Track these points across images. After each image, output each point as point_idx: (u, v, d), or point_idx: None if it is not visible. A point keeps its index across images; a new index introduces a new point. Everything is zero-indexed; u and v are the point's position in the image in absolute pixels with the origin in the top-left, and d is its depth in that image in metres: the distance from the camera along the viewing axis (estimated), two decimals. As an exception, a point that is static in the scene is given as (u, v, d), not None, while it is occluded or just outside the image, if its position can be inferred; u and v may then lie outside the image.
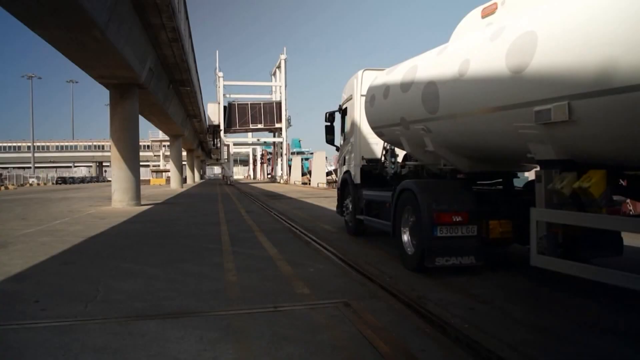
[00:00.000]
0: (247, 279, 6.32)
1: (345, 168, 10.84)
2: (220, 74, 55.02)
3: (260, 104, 56.64)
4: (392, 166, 8.72)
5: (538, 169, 5.14)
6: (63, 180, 73.01)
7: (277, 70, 58.55)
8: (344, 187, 10.82)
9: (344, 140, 11.02)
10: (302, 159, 54.48)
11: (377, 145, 9.47)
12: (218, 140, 56.61)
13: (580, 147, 4.57)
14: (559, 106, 4.31)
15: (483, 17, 6.21)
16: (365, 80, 9.66)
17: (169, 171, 58.51)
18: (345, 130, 10.89)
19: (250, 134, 65.03)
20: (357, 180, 9.85)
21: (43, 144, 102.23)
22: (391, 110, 7.78)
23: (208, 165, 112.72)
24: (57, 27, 12.48)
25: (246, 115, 55.40)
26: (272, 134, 62.43)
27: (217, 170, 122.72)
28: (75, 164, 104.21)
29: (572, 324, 4.51)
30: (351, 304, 5.02)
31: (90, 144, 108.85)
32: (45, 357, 3.81)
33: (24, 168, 77.04)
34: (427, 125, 6.77)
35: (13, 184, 55.00)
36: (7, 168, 71.89)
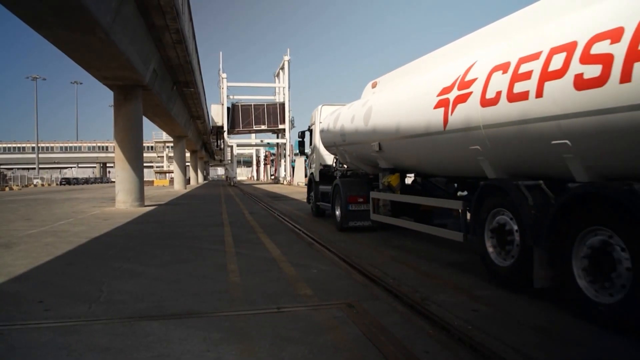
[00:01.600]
0: (250, 280, 6.32)
1: (310, 170, 15.47)
2: (224, 75, 55.26)
3: (264, 105, 56.76)
4: (337, 170, 12.79)
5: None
6: (67, 181, 73.30)
7: (280, 71, 58.70)
8: (310, 183, 15.53)
9: (311, 151, 15.25)
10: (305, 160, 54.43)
11: (329, 156, 13.47)
12: (221, 141, 56.71)
13: (390, 162, 9.29)
14: (379, 143, 9.05)
15: (372, 87, 10.64)
16: (323, 112, 13.81)
17: (172, 172, 58.61)
18: (312, 144, 15.04)
19: (253, 135, 65.20)
20: (317, 179, 14.27)
21: (47, 144, 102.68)
22: (331, 136, 12.02)
23: (211, 166, 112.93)
24: (62, 28, 12.51)
25: (249, 116, 55.52)
26: (275, 135, 62.52)
27: (220, 171, 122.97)
28: (79, 165, 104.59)
29: (575, 325, 4.49)
30: (354, 305, 5.02)
31: (94, 145, 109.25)
32: (49, 357, 3.82)
33: (28, 169, 77.32)
34: (344, 148, 11.33)
35: (17, 185, 55.22)
36: (11, 169, 72.08)
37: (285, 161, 58.44)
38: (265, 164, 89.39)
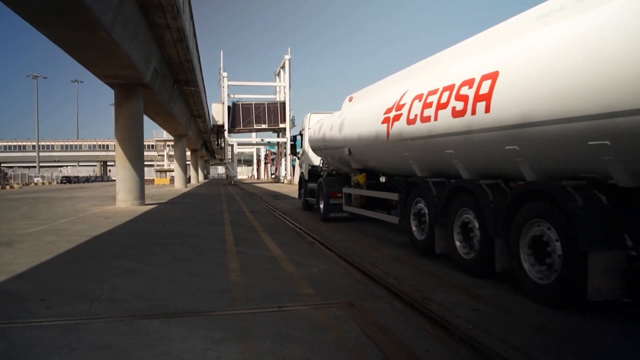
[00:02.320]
0: (251, 279, 6.33)
1: (301, 170, 17.33)
2: (225, 74, 55.09)
3: (265, 104, 56.68)
4: (323, 170, 14.65)
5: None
6: (68, 180, 73.34)
7: (281, 70, 58.59)
8: (301, 181, 17.29)
9: (301, 153, 17.04)
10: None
11: (316, 158, 15.24)
12: (222, 140, 56.61)
13: (359, 164, 11.11)
14: (349, 148, 10.86)
15: (349, 101, 12.21)
16: (312, 119, 15.74)
17: (173, 171, 58.61)
18: (302, 147, 16.87)
19: (254, 134, 65.12)
20: (306, 177, 16.21)
21: (48, 143, 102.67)
22: (317, 141, 13.86)
23: (212, 165, 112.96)
24: (63, 27, 12.52)
25: (250, 115, 55.44)
26: (276, 134, 62.47)
27: (221, 170, 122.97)
28: (80, 164, 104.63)
29: (576, 325, 4.50)
30: (355, 305, 5.03)
31: (94, 143, 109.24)
32: (50, 355, 3.83)
33: (29, 167, 77.36)
34: (327, 152, 13.31)
35: (18, 183, 55.25)
36: (12, 167, 72.21)
37: (285, 160, 58.40)
38: (265, 163, 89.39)
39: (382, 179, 11.28)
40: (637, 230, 4.55)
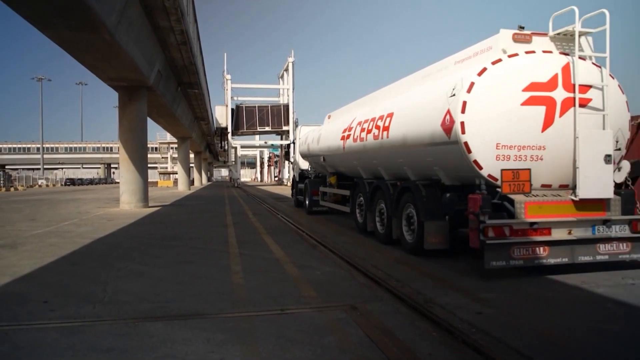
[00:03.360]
0: (254, 281, 6.33)
1: (294, 173, 20.75)
2: (228, 76, 55.12)
3: (268, 106, 56.68)
4: (311, 173, 17.27)
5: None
6: (71, 182, 73.54)
7: (284, 73, 58.59)
8: (294, 182, 20.46)
9: (293, 159, 19.95)
10: (308, 162, 54.50)
11: (305, 163, 17.85)
12: (225, 142, 56.70)
13: (332, 168, 13.85)
14: (324, 156, 13.88)
15: (328, 118, 15.05)
16: (302, 131, 18.52)
17: (176, 173, 58.72)
18: (294, 154, 19.61)
19: (257, 136, 65.11)
20: (297, 179, 19.26)
21: (52, 145, 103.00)
22: (304, 149, 16.71)
23: (215, 167, 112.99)
24: (67, 29, 12.55)
25: (254, 117, 55.43)
26: (279, 136, 62.49)
27: (224, 172, 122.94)
28: (84, 166, 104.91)
29: (579, 329, 4.48)
30: (358, 307, 5.02)
31: (98, 145, 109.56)
32: (53, 357, 3.84)
33: (33, 169, 77.59)
34: (311, 158, 16.02)
35: (22, 185, 55.46)
36: (16, 169, 72.39)
37: (289, 163, 58.40)
38: (269, 166, 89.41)
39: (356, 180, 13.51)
40: (452, 209, 7.27)
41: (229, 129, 53.78)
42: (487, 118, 6.52)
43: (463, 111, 6.55)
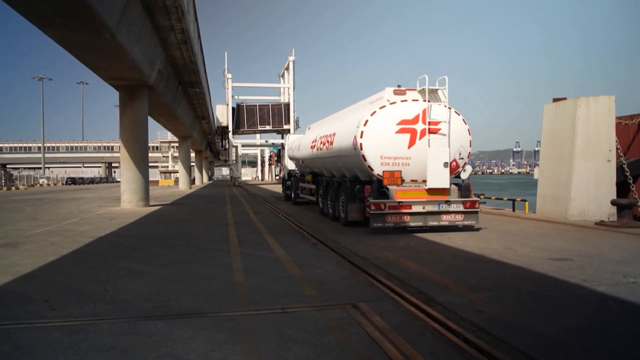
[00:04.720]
0: (255, 280, 6.33)
1: (283, 173, 24.90)
2: (229, 75, 55.07)
3: (269, 105, 56.63)
4: (297, 172, 20.91)
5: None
6: (72, 181, 73.59)
7: (285, 72, 58.53)
8: (283, 180, 24.72)
9: (283, 161, 24.04)
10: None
11: (292, 164, 21.59)
12: (226, 141, 56.63)
13: (308, 168, 18.15)
14: (302, 159, 18.50)
15: (309, 129, 19.26)
16: (290, 138, 22.79)
17: (177, 172, 58.74)
18: (284, 156, 23.82)
19: (258, 135, 65.08)
20: (286, 177, 23.37)
21: (53, 144, 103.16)
22: (290, 153, 21.02)
23: (216, 166, 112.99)
24: (68, 29, 12.56)
25: (254, 116, 55.39)
26: (280, 135, 62.45)
27: (225, 171, 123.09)
28: (85, 165, 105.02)
29: (580, 328, 4.48)
30: (359, 306, 5.02)
31: (99, 144, 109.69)
32: (54, 356, 3.84)
33: (34, 168, 77.65)
34: (295, 161, 20.35)
35: (24, 184, 55.53)
36: (17, 168, 72.42)
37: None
38: (270, 164, 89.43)
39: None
40: (361, 195, 11.01)
41: (230, 128, 53.74)
42: (375, 140, 10.78)
43: (362, 136, 10.83)
